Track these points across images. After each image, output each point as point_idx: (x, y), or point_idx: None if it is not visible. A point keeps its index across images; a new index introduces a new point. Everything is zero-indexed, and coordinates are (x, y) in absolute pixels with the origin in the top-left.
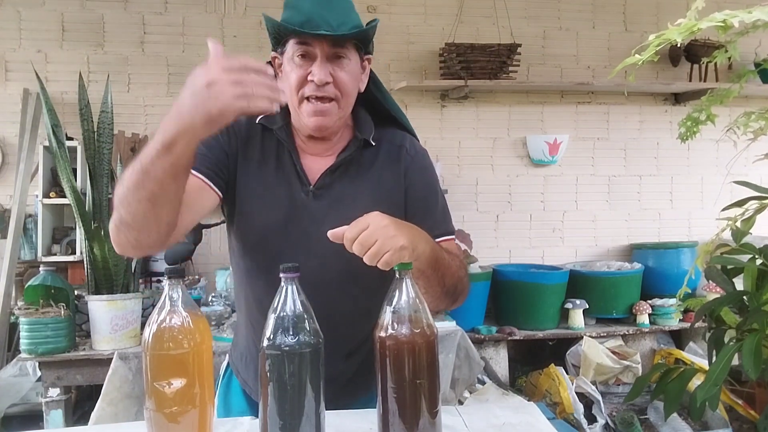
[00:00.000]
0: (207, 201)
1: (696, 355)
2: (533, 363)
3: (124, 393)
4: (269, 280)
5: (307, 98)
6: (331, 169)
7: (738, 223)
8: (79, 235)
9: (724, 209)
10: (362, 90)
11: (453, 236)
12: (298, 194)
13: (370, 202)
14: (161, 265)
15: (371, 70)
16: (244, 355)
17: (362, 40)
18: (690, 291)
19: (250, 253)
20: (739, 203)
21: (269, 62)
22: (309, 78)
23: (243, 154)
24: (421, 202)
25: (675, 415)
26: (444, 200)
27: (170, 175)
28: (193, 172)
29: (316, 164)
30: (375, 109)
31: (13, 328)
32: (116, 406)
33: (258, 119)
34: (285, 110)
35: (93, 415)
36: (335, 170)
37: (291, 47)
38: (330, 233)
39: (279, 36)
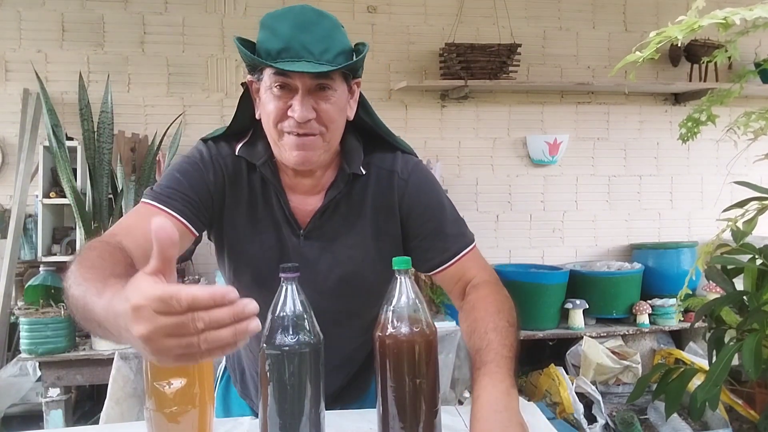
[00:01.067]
0: (184, 242)
1: (696, 355)
2: (533, 363)
3: (127, 392)
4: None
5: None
6: (320, 211)
7: (740, 225)
8: (79, 235)
9: (724, 210)
10: (351, 118)
11: (473, 244)
12: (288, 238)
13: (362, 239)
14: None
15: (360, 93)
16: (246, 374)
17: (350, 68)
18: (690, 291)
19: (242, 291)
20: (740, 204)
21: (244, 84)
22: (289, 114)
23: (231, 194)
24: (429, 224)
25: (675, 415)
26: (453, 210)
27: (115, 342)
28: (171, 212)
29: (305, 205)
30: (364, 129)
31: (13, 328)
32: (121, 405)
33: (237, 151)
34: (267, 142)
35: (102, 414)
36: (324, 212)
37: (268, 76)
38: None
39: (254, 64)
